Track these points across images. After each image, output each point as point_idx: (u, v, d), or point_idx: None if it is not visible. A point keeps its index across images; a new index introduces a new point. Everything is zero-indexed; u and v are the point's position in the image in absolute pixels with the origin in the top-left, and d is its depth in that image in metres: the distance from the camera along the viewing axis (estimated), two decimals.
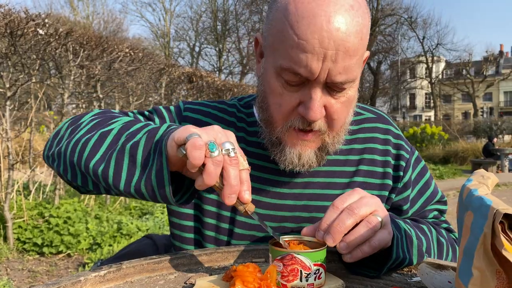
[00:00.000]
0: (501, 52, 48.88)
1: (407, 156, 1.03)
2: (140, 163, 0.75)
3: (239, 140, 1.01)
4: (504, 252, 0.47)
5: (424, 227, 0.96)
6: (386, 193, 1.01)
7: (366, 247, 0.73)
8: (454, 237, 1.06)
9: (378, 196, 0.97)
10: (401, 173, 1.01)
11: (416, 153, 1.08)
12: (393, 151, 1.03)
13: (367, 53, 0.92)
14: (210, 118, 1.03)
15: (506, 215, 0.48)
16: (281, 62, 0.81)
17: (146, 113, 1.05)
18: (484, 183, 0.60)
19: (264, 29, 0.89)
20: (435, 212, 1.09)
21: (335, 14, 0.77)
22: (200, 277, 0.80)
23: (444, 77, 42.60)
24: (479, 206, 0.51)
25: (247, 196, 0.70)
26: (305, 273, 0.69)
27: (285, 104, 0.85)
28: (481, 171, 0.66)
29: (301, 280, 0.69)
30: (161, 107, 1.06)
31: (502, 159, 13.18)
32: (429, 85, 38.34)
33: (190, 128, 0.71)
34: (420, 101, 49.81)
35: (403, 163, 1.02)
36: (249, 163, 0.99)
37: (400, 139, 1.05)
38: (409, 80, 40.83)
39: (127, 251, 1.20)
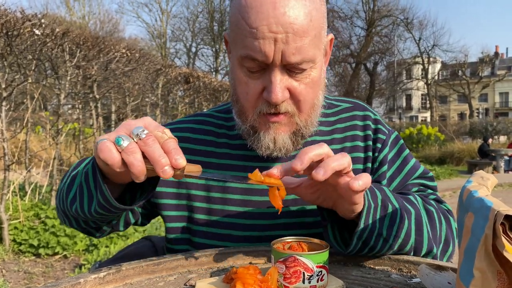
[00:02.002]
0: (496, 53, 49.14)
1: (384, 137, 1.06)
2: (89, 187, 0.84)
3: (222, 146, 1.06)
4: (505, 253, 0.47)
5: (410, 197, 0.96)
6: None
7: (353, 180, 0.72)
8: (446, 208, 1.05)
9: None
10: (377, 154, 1.05)
11: (395, 134, 1.11)
12: (373, 136, 1.06)
13: (330, 36, 0.98)
14: (187, 132, 1.08)
15: (507, 217, 0.48)
16: (240, 51, 0.87)
17: None
18: (484, 184, 0.60)
19: (227, 27, 0.94)
20: (421, 187, 1.08)
21: (280, 0, 0.82)
22: (200, 278, 0.80)
23: (440, 78, 42.76)
24: (479, 207, 0.52)
25: (180, 161, 0.69)
26: (307, 275, 0.69)
27: (251, 92, 0.90)
28: (481, 172, 0.66)
29: (303, 282, 0.69)
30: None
31: (497, 160, 13.25)
32: (425, 86, 38.50)
33: (102, 137, 0.74)
34: (416, 102, 49.98)
35: (379, 145, 1.05)
36: (235, 165, 1.03)
37: (379, 123, 1.08)
38: (405, 81, 40.94)
39: (126, 252, 1.20)
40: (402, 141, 1.11)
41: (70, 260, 4.13)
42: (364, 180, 0.72)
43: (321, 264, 0.70)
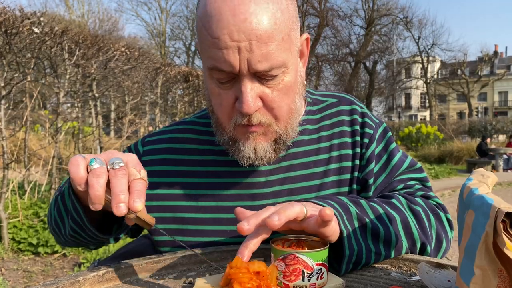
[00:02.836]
0: (495, 52, 49.16)
1: (371, 131, 1.02)
2: (66, 208, 0.88)
3: (206, 153, 1.03)
4: (506, 251, 0.47)
5: (393, 200, 0.93)
6: (356, 174, 1.00)
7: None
8: (435, 203, 1.00)
9: (351, 179, 1.00)
10: (364, 150, 1.01)
11: (383, 126, 1.07)
12: (360, 130, 1.03)
13: (305, 35, 0.94)
14: (172, 143, 1.06)
15: (508, 214, 0.48)
16: (207, 63, 0.85)
17: None
18: (485, 182, 0.60)
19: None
20: (409, 182, 1.04)
21: (239, 7, 0.78)
22: (199, 277, 0.80)
23: (439, 77, 42.82)
24: (480, 205, 0.51)
25: (137, 204, 0.69)
26: (307, 272, 0.69)
27: (224, 103, 0.87)
28: (481, 170, 0.66)
29: (303, 280, 0.69)
30: (126, 149, 1.12)
31: (496, 159, 13.27)
32: (425, 85, 38.52)
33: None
34: (415, 101, 50.02)
35: (366, 140, 1.02)
36: (221, 172, 1.01)
37: (366, 117, 1.05)
38: (404, 80, 40.99)
39: (125, 250, 1.19)
40: (389, 134, 1.07)
41: (69, 258, 4.13)
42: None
43: (320, 262, 0.70)
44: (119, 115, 6.84)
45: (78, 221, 0.85)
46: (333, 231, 0.76)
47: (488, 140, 15.45)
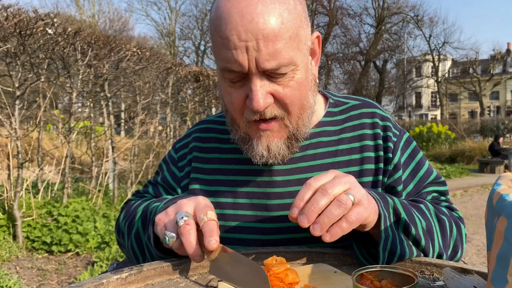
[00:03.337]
0: (508, 51, 48.46)
1: (395, 138, 1.03)
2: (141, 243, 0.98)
3: (227, 151, 1.07)
4: None
5: (421, 206, 0.95)
6: (381, 177, 1.01)
7: (343, 222, 0.73)
8: (457, 215, 1.04)
9: (374, 181, 1.00)
10: (390, 155, 1.01)
11: (406, 135, 1.07)
12: (382, 134, 1.03)
13: (316, 34, 0.96)
14: (195, 142, 1.12)
15: None
16: (219, 64, 0.88)
17: (158, 178, 1.16)
18: None
19: None
20: (434, 194, 1.06)
21: (247, 8, 0.81)
22: (219, 280, 0.80)
23: (450, 75, 42.36)
24: None
25: (212, 244, 0.76)
26: None
27: (235, 101, 0.90)
28: (509, 174, 0.65)
29: None
30: (161, 162, 1.19)
31: (509, 158, 13.08)
32: (436, 84, 38.13)
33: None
34: (426, 100, 49.56)
35: (391, 145, 1.01)
36: (243, 170, 1.03)
37: (387, 121, 1.05)
38: (415, 78, 40.63)
39: None
40: (414, 143, 1.08)
41: (82, 257, 4.17)
42: (354, 217, 0.73)
43: None
44: (130, 115, 6.89)
45: (152, 253, 0.94)
46: (370, 219, 0.78)
47: (501, 139, 15.24)
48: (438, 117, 39.25)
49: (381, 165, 1.01)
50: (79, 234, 4.25)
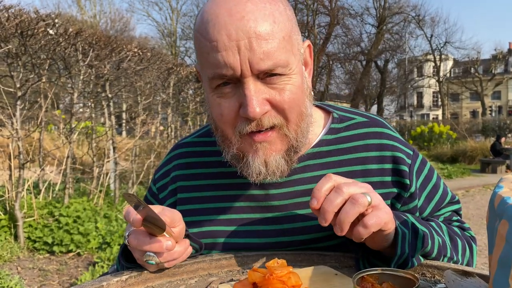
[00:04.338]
0: (510, 50, 48.35)
1: (409, 160, 0.95)
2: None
3: (216, 176, 0.98)
4: None
5: (433, 224, 0.92)
6: (388, 202, 0.95)
7: (361, 227, 0.72)
8: (469, 235, 1.01)
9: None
10: (407, 181, 0.93)
11: (420, 156, 1.00)
12: (390, 156, 0.95)
13: (307, 42, 0.89)
14: (176, 170, 1.02)
15: None
16: (207, 73, 0.80)
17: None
18: None
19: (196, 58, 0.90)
20: (447, 214, 1.04)
21: (235, 7, 0.76)
22: (220, 281, 0.80)
23: (452, 75, 42.29)
24: None
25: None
26: None
27: (226, 112, 0.81)
28: (510, 176, 0.64)
29: None
30: (147, 193, 1.10)
31: (511, 158, 13.05)
32: (437, 84, 38.06)
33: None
34: (427, 99, 49.49)
35: (405, 168, 0.93)
36: (236, 195, 0.95)
37: (398, 142, 0.96)
38: (416, 78, 40.55)
39: None
40: (429, 164, 1.01)
41: (84, 257, 4.17)
42: (373, 221, 0.71)
43: None
44: (131, 115, 6.89)
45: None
46: (387, 238, 0.78)
47: (503, 139, 15.20)
48: (440, 117, 39.16)
49: (391, 189, 0.93)
50: (80, 235, 4.26)
